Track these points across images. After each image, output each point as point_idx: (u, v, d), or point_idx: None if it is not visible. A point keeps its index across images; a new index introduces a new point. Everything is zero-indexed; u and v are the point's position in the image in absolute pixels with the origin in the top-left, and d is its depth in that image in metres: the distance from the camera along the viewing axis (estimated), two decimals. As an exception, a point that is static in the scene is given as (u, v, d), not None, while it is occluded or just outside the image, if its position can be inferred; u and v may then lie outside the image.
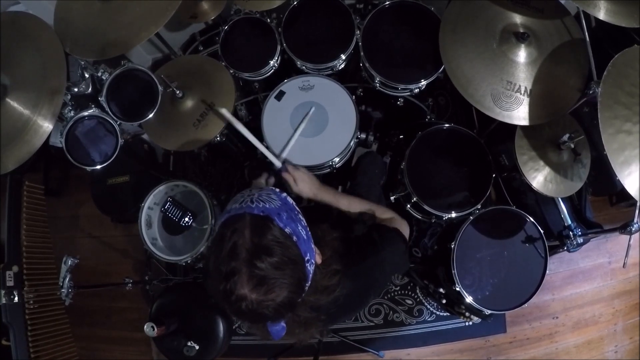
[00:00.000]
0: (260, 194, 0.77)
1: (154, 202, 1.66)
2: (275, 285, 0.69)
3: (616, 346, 2.06)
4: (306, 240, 0.77)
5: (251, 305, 0.68)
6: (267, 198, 0.76)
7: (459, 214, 1.54)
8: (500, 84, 1.38)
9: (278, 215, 0.74)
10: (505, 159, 1.77)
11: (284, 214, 0.75)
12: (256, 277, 0.67)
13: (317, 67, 1.60)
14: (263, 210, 0.73)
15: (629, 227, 1.28)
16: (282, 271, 0.69)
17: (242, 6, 1.63)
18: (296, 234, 0.74)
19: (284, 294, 0.70)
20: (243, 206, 0.74)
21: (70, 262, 1.59)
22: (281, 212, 0.75)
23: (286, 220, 0.74)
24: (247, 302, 0.68)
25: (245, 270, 0.67)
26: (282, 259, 0.70)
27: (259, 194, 0.78)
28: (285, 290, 0.70)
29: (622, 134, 1.14)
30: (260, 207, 0.74)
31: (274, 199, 0.77)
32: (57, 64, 1.37)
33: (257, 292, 0.68)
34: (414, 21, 1.60)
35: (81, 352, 2.23)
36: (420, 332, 2.05)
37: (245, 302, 0.68)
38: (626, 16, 1.27)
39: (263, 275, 0.68)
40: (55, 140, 1.68)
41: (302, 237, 0.76)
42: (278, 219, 0.73)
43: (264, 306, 0.69)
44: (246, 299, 0.68)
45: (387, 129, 1.97)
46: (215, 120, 1.53)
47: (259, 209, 0.73)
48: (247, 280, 0.67)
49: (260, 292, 0.68)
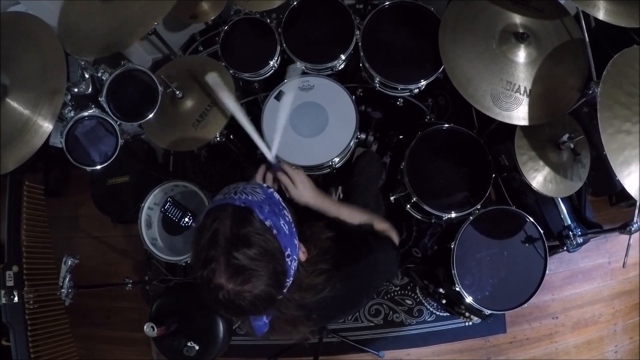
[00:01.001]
0: (245, 187, 0.79)
1: (154, 203, 1.66)
2: (252, 276, 0.69)
3: (616, 346, 2.06)
4: (288, 235, 0.77)
5: (227, 295, 0.69)
6: (251, 191, 0.78)
7: (459, 214, 1.54)
8: (500, 84, 1.38)
9: (260, 207, 0.75)
10: (505, 159, 1.77)
11: (265, 207, 0.75)
12: (233, 267, 0.68)
13: (317, 67, 1.60)
14: (245, 201, 0.74)
15: (628, 227, 1.28)
16: (259, 262, 0.70)
17: (242, 6, 1.63)
18: (277, 228, 0.75)
19: (260, 287, 0.71)
20: (226, 197, 0.76)
21: (70, 262, 1.59)
22: (263, 205, 0.75)
23: (267, 213, 0.75)
24: (223, 291, 0.69)
25: (223, 260, 0.68)
26: (260, 251, 0.70)
27: (243, 186, 0.79)
28: (262, 282, 0.71)
29: (621, 134, 1.14)
30: (242, 198, 0.75)
31: (258, 192, 0.78)
32: (57, 64, 1.37)
33: (233, 282, 0.69)
34: (413, 21, 1.60)
35: (81, 352, 2.23)
36: (420, 332, 2.05)
37: (222, 291, 0.69)
38: (626, 16, 1.27)
39: (240, 264, 0.69)
40: (55, 141, 1.68)
41: (283, 231, 0.76)
42: (259, 211, 0.74)
43: (241, 297, 0.70)
44: (223, 288, 0.69)
45: (387, 129, 1.97)
46: (215, 120, 1.53)
47: (240, 200, 0.75)
48: (224, 269, 0.68)
49: (236, 282, 0.69)
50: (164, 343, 1.62)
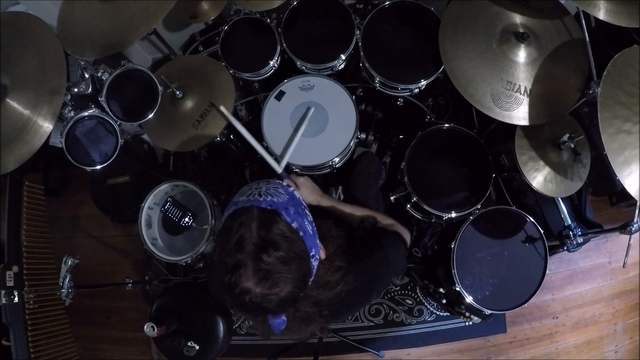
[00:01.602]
0: (268, 187, 0.77)
1: (154, 202, 1.66)
2: (280, 279, 0.69)
3: (616, 346, 2.06)
4: (312, 236, 0.77)
5: (255, 299, 0.68)
6: (274, 192, 0.76)
7: (459, 214, 1.54)
8: (500, 84, 1.38)
9: (285, 209, 0.73)
10: (505, 159, 1.77)
11: (291, 208, 0.75)
12: (261, 271, 0.68)
13: (317, 67, 1.60)
14: (271, 203, 0.73)
15: (628, 227, 1.28)
16: (287, 266, 0.69)
17: (242, 6, 1.63)
18: (303, 229, 0.74)
19: (288, 289, 0.70)
20: (251, 199, 0.74)
21: (70, 262, 1.59)
22: (288, 207, 0.74)
23: (293, 214, 0.74)
24: (250, 295, 0.68)
25: (251, 264, 0.67)
26: (289, 254, 0.70)
27: (266, 187, 0.77)
28: (290, 285, 0.70)
29: (622, 133, 1.14)
30: (268, 200, 0.73)
31: (282, 193, 0.77)
32: (57, 64, 1.37)
33: (261, 286, 0.68)
34: (413, 21, 1.60)
35: (81, 352, 2.23)
36: (420, 332, 2.05)
37: (249, 295, 0.68)
38: (626, 16, 1.27)
39: (268, 269, 0.68)
40: (55, 140, 1.68)
41: (308, 233, 0.76)
42: (285, 213, 0.73)
43: (268, 300, 0.69)
44: (250, 292, 0.68)
45: (387, 129, 1.97)
46: (215, 120, 1.53)
47: (266, 202, 0.73)
48: (252, 273, 0.67)
49: (265, 286, 0.68)
50: (164, 343, 1.62)
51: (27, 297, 1.78)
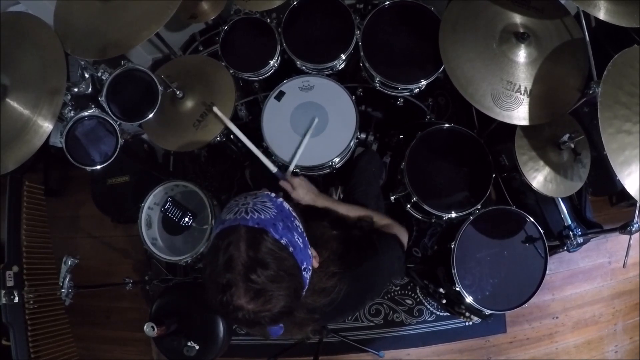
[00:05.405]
0: (255, 203, 0.76)
1: (154, 202, 1.66)
2: (272, 296, 0.69)
3: (616, 346, 2.06)
4: (302, 249, 0.77)
5: (248, 315, 0.69)
6: (262, 207, 0.75)
7: (459, 214, 1.54)
8: (500, 84, 1.38)
9: (273, 226, 0.73)
10: (505, 159, 1.77)
11: (279, 223, 0.74)
12: (252, 290, 0.68)
13: (317, 67, 1.60)
14: (258, 221, 0.72)
15: (629, 227, 1.28)
16: (278, 284, 0.70)
17: (242, 6, 1.63)
18: (292, 244, 0.74)
19: (280, 304, 0.71)
20: (237, 217, 0.73)
21: (70, 262, 1.59)
22: (277, 223, 0.74)
23: (282, 230, 0.73)
24: (244, 312, 0.68)
25: (242, 284, 0.68)
26: (278, 272, 0.70)
27: (253, 202, 0.76)
28: (282, 300, 0.71)
29: (622, 133, 1.14)
30: (255, 218, 0.73)
31: (270, 208, 0.76)
32: (57, 64, 1.37)
33: (254, 304, 0.68)
34: (413, 21, 1.60)
35: (81, 352, 2.23)
36: (420, 332, 2.05)
37: (242, 312, 0.68)
38: (626, 16, 1.27)
39: (259, 288, 0.68)
40: (55, 140, 1.68)
41: (298, 246, 0.75)
42: (273, 230, 0.72)
43: (261, 316, 0.70)
44: (243, 309, 0.68)
45: (387, 129, 1.97)
46: (215, 120, 1.53)
47: (253, 220, 0.72)
48: (243, 292, 0.68)
49: (257, 304, 0.68)
50: (164, 343, 1.62)
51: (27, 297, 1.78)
